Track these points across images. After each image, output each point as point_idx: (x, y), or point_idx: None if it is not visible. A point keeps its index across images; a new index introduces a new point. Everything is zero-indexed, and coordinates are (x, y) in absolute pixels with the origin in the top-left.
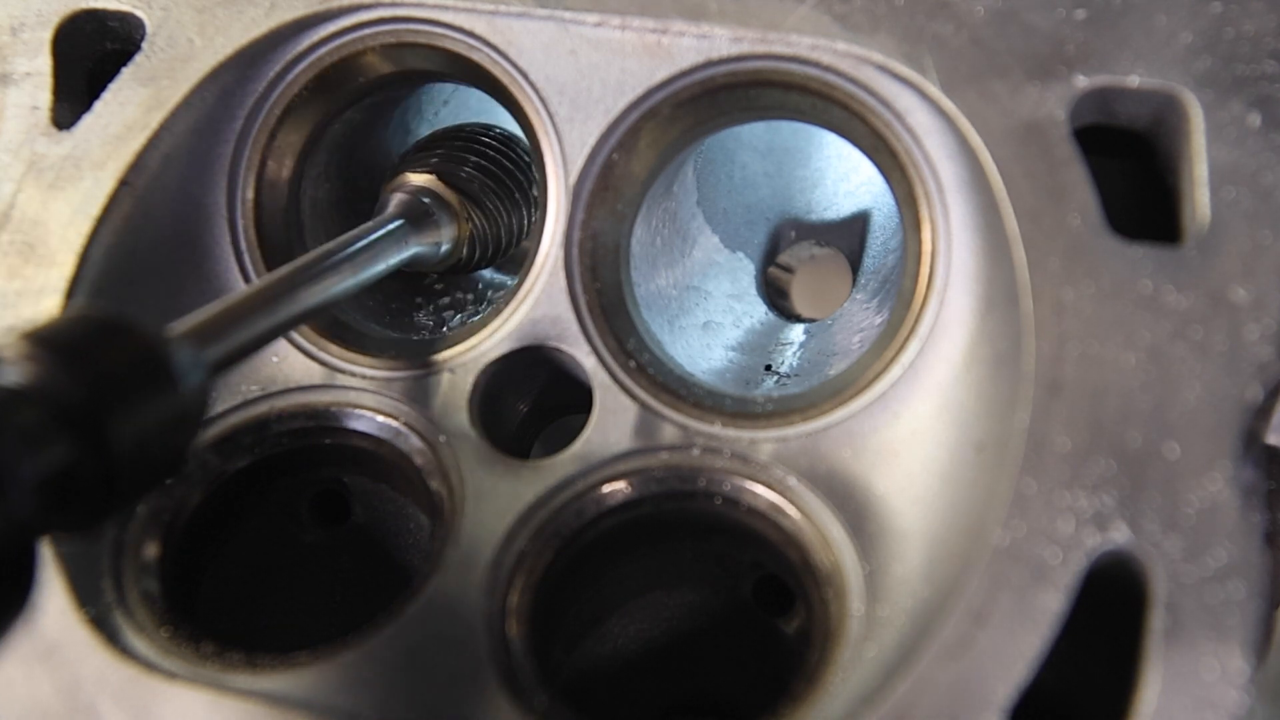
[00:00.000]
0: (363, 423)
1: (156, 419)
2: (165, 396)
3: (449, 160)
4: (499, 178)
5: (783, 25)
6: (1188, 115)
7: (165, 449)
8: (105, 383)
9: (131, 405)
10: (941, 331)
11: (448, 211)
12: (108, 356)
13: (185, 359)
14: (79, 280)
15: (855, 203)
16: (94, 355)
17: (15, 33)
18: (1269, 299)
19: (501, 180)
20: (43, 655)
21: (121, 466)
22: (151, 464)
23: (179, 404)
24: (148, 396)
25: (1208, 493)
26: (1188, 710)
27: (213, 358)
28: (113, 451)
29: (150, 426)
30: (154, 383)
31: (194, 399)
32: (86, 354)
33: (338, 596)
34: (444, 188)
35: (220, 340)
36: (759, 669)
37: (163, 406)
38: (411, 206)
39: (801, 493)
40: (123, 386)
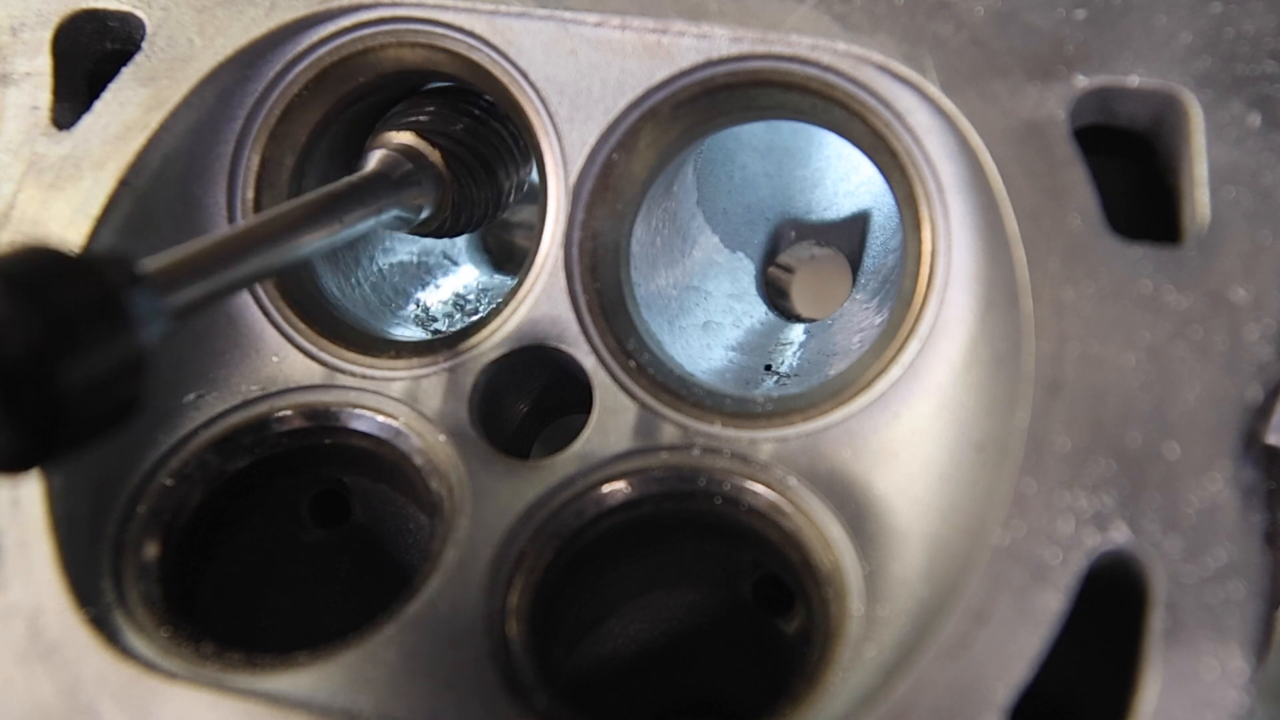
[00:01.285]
0: (363, 423)
1: (109, 362)
2: (120, 339)
3: (437, 121)
4: (487, 143)
5: (783, 25)
6: (1188, 115)
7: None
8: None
9: (84, 348)
10: (941, 331)
11: (430, 173)
12: (62, 293)
13: (145, 304)
14: None
15: (855, 203)
16: (48, 291)
17: (15, 33)
18: (1269, 299)
19: (489, 146)
20: (43, 655)
21: (68, 410)
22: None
23: (134, 348)
24: (102, 340)
25: (1208, 493)
26: (1188, 710)
27: (176, 304)
28: (61, 392)
29: (102, 372)
30: (109, 324)
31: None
32: (41, 289)
33: (338, 596)
34: (429, 149)
35: (186, 285)
36: (759, 669)
37: (116, 350)
38: (394, 164)
39: (801, 493)
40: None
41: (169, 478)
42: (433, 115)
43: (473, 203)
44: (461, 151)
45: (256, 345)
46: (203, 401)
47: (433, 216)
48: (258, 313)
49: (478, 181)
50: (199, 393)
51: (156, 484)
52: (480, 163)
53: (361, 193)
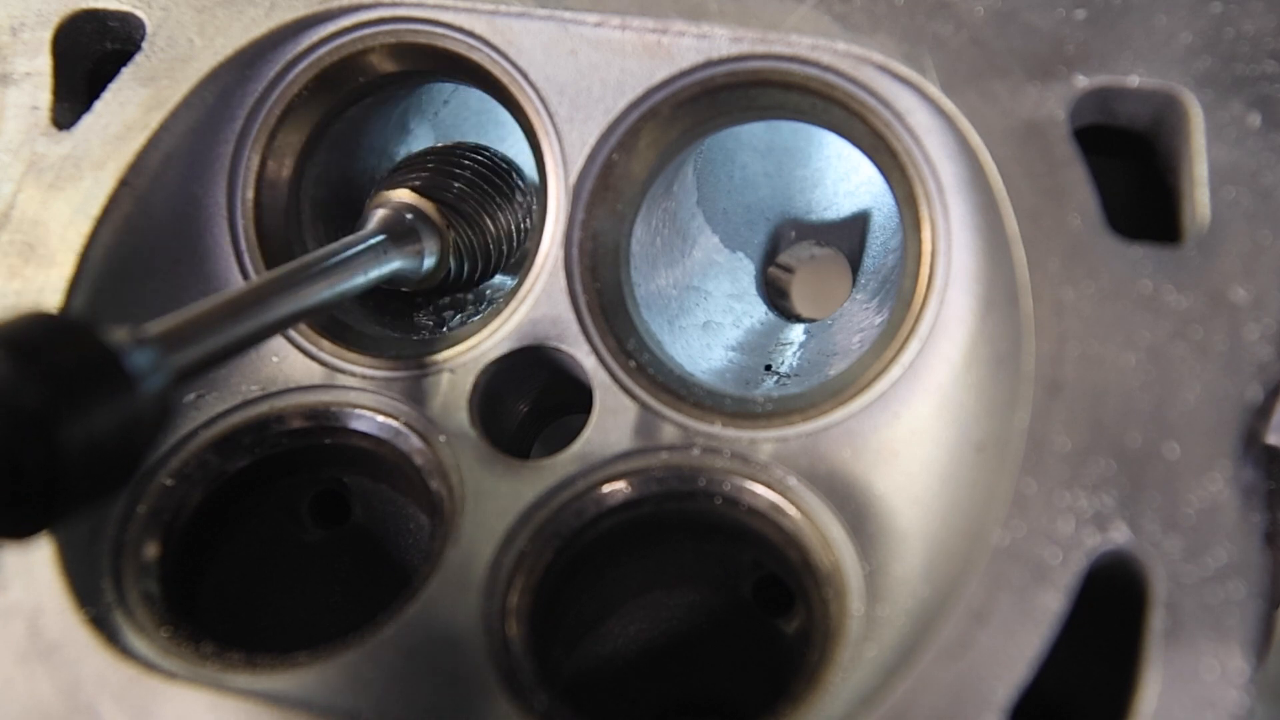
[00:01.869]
0: (363, 423)
1: (110, 423)
2: (120, 400)
3: (434, 177)
4: (485, 195)
5: (783, 25)
6: (1188, 115)
7: (118, 455)
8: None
9: (83, 407)
10: (941, 331)
11: (430, 227)
12: (61, 356)
13: (145, 362)
14: (79, 280)
15: (855, 203)
16: (47, 354)
17: (15, 33)
18: (1269, 299)
19: (488, 198)
20: (43, 655)
21: (70, 471)
22: (102, 471)
23: (135, 409)
24: (101, 399)
25: (1208, 493)
26: (1188, 710)
27: (178, 364)
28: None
29: (102, 431)
30: (108, 385)
31: (152, 404)
32: (39, 352)
33: (338, 596)
34: (427, 204)
35: (188, 346)
36: (759, 669)
37: (117, 410)
38: (393, 221)
39: (801, 493)
40: (77, 390)
41: (169, 478)
42: (430, 172)
43: (475, 254)
44: (459, 204)
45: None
46: (203, 401)
47: (435, 269)
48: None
49: (476, 234)
50: (199, 393)
51: (156, 484)
52: (480, 216)
53: (363, 250)
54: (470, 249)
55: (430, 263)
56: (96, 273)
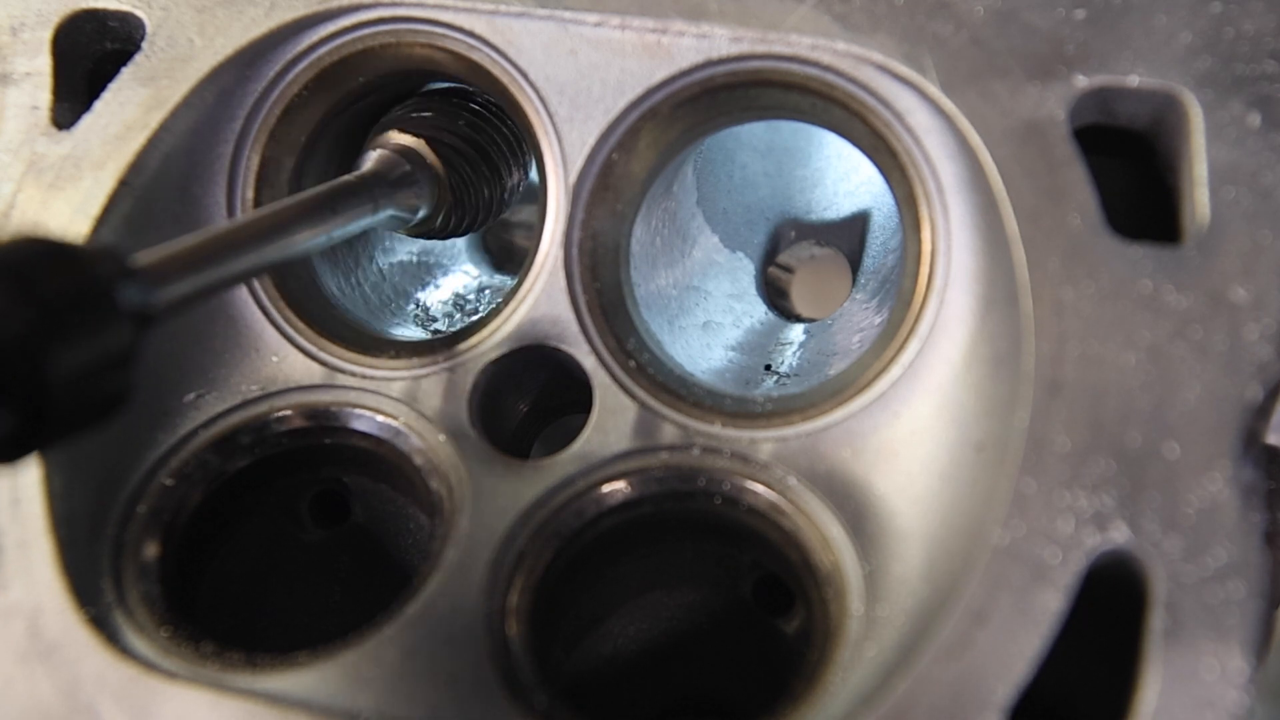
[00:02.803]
0: (363, 423)
1: (99, 354)
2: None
3: (435, 122)
4: (484, 144)
5: (782, 25)
6: (1187, 115)
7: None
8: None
9: (73, 337)
10: (941, 331)
11: (427, 174)
12: (53, 283)
13: (135, 295)
14: None
15: (855, 203)
16: (38, 280)
17: (15, 33)
18: (1269, 299)
19: (487, 148)
20: (43, 655)
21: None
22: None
23: (122, 341)
24: (91, 329)
25: (1208, 493)
26: (1188, 710)
27: (167, 297)
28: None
29: (89, 361)
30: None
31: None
32: (31, 278)
33: (338, 596)
34: (427, 149)
35: (178, 281)
36: (759, 669)
37: (106, 342)
38: (391, 165)
39: (801, 493)
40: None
41: (169, 478)
42: (431, 116)
43: (470, 204)
44: (459, 153)
45: (256, 345)
46: (203, 401)
47: (429, 217)
48: (258, 313)
49: (475, 182)
50: (199, 393)
51: (156, 484)
52: (477, 164)
53: (357, 192)
54: (468, 196)
55: (424, 210)
56: None
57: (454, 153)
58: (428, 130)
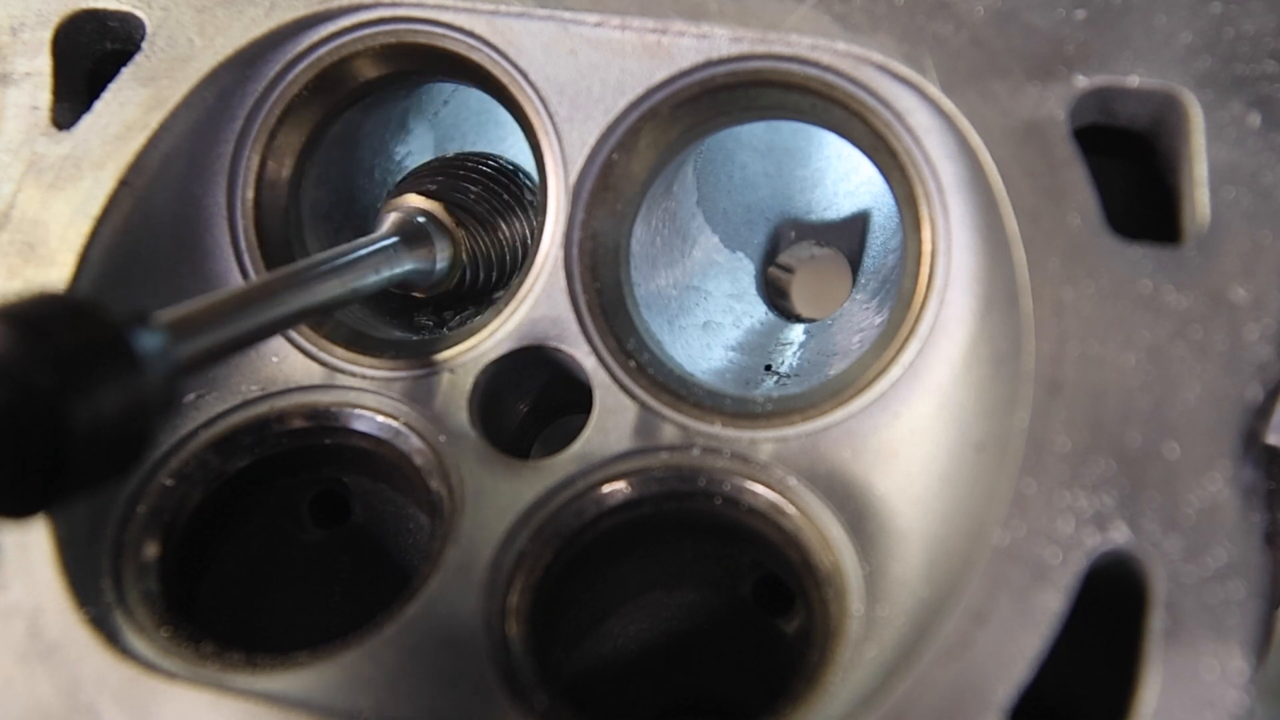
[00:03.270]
0: (363, 423)
1: (116, 407)
2: (127, 384)
3: (449, 184)
4: (497, 201)
5: (782, 25)
6: (1187, 115)
7: (122, 440)
8: (68, 363)
9: (92, 389)
10: (941, 331)
11: (443, 233)
12: (72, 337)
13: (153, 348)
14: (79, 280)
15: (855, 203)
16: (58, 334)
17: (15, 33)
18: (1269, 299)
19: (500, 204)
20: (43, 655)
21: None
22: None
23: (141, 394)
24: (109, 382)
25: (1208, 493)
26: (1188, 710)
27: (186, 354)
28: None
29: (109, 414)
30: (117, 369)
31: (158, 391)
32: (51, 332)
33: (338, 596)
34: (442, 210)
35: (196, 337)
36: (759, 669)
37: (124, 394)
38: (407, 225)
39: (801, 493)
40: (85, 369)
41: (169, 478)
42: (443, 178)
43: (486, 263)
44: (473, 216)
45: (256, 346)
46: (203, 401)
47: (447, 275)
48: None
49: (488, 244)
50: (199, 393)
51: (156, 484)
52: (494, 226)
53: (375, 252)
54: (484, 255)
55: (443, 267)
56: (96, 273)
57: (467, 209)
58: (440, 190)
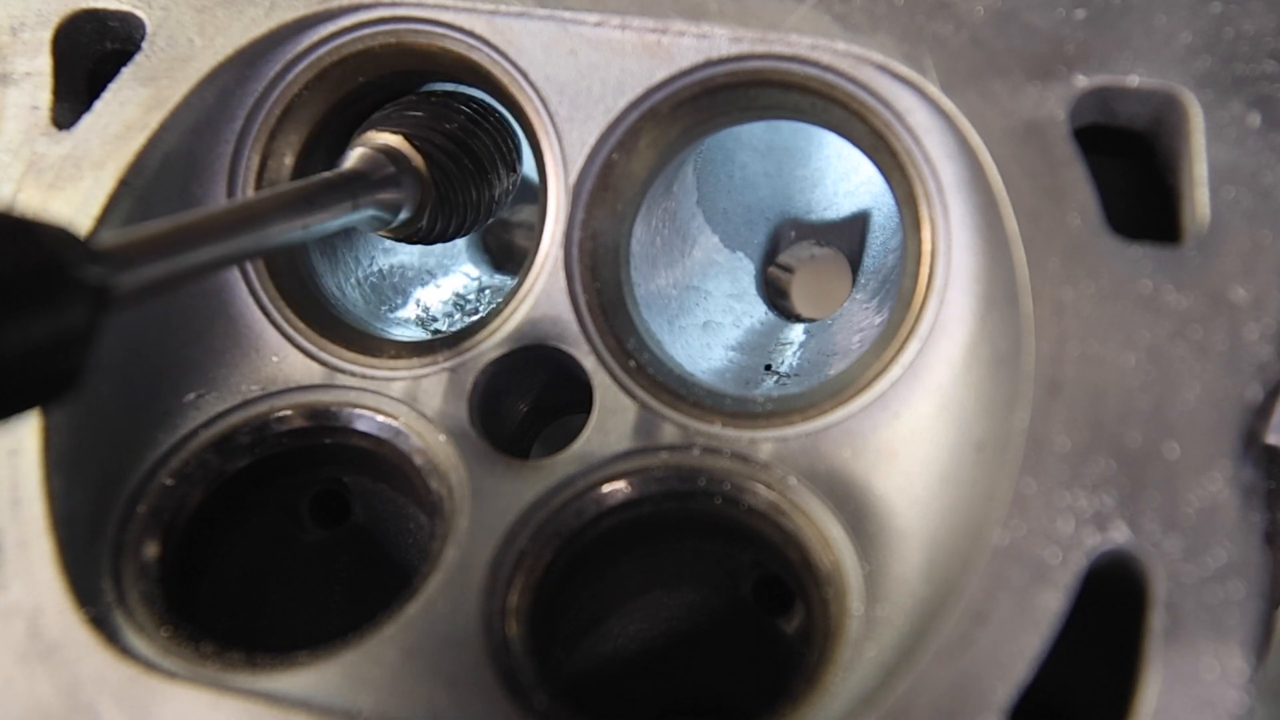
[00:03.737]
0: (363, 423)
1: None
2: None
3: (423, 124)
4: (473, 148)
5: (782, 25)
6: (1187, 115)
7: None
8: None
9: (24, 312)
10: (941, 331)
11: (411, 175)
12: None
13: (94, 276)
14: None
15: (855, 203)
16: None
17: (15, 33)
18: (1269, 299)
19: (475, 151)
20: (43, 655)
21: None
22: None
23: (77, 321)
24: (44, 306)
25: (1208, 493)
26: (1188, 710)
27: (130, 282)
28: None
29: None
30: (53, 292)
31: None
32: None
33: (338, 596)
34: (412, 151)
35: (142, 265)
36: (759, 669)
37: (59, 320)
38: (373, 163)
39: (801, 493)
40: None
41: (169, 478)
42: (419, 118)
43: (457, 204)
44: (444, 151)
45: (256, 345)
46: (203, 401)
47: (412, 219)
48: (258, 313)
49: (461, 182)
50: (199, 393)
51: (156, 484)
52: (463, 163)
53: (336, 188)
54: (454, 200)
55: (406, 211)
56: None
57: (439, 151)
58: (411, 129)
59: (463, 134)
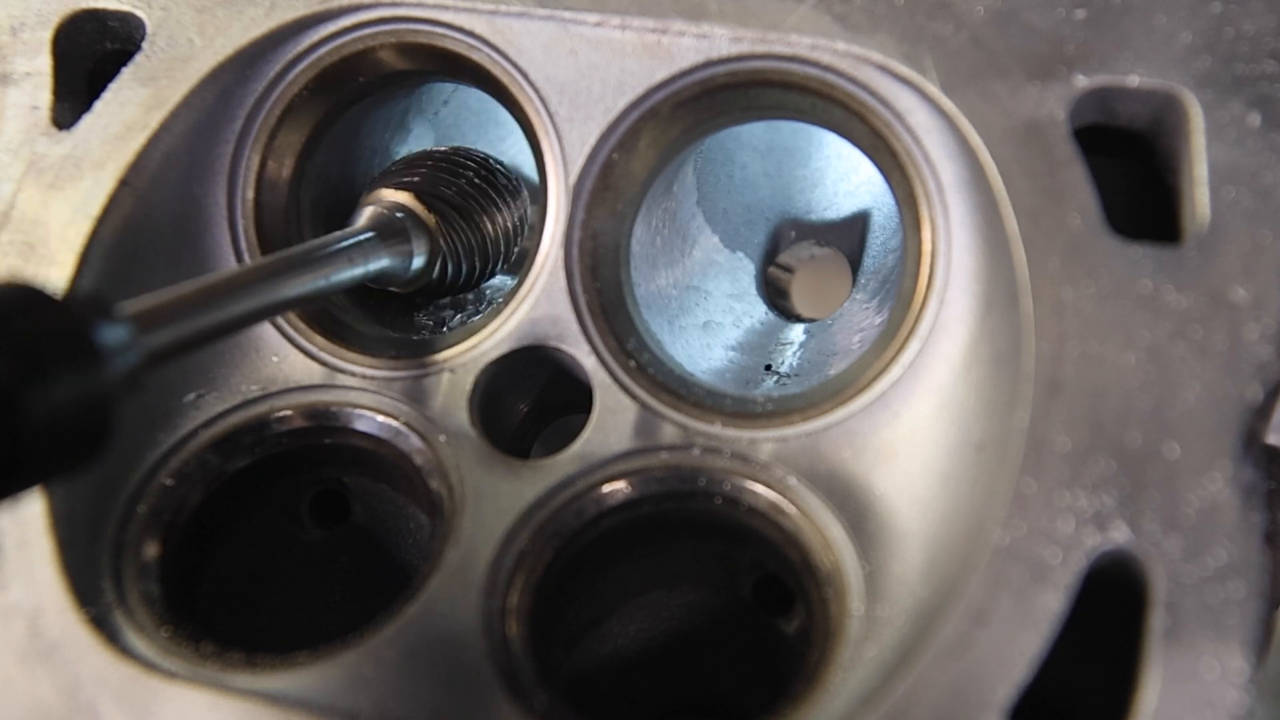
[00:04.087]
0: (363, 423)
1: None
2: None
3: (429, 177)
4: (480, 198)
5: (782, 25)
6: (1187, 115)
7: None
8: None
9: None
10: (941, 331)
11: (421, 228)
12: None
13: (116, 339)
14: (79, 280)
15: (855, 203)
16: (16, 323)
17: (15, 33)
18: (1269, 299)
19: (484, 201)
20: (43, 655)
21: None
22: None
23: (101, 386)
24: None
25: (1208, 493)
26: (1188, 710)
27: (152, 345)
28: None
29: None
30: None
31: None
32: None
33: (338, 596)
34: (419, 205)
35: (163, 329)
36: (759, 669)
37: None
38: (383, 220)
39: (801, 493)
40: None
41: (169, 478)
42: (425, 173)
43: (465, 258)
44: (451, 211)
45: (256, 345)
46: (203, 401)
47: (423, 270)
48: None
49: (466, 239)
50: (199, 393)
51: (156, 484)
52: (472, 221)
53: (350, 246)
54: (464, 248)
55: (419, 263)
56: (96, 273)
57: (448, 207)
58: (421, 186)
59: (470, 182)
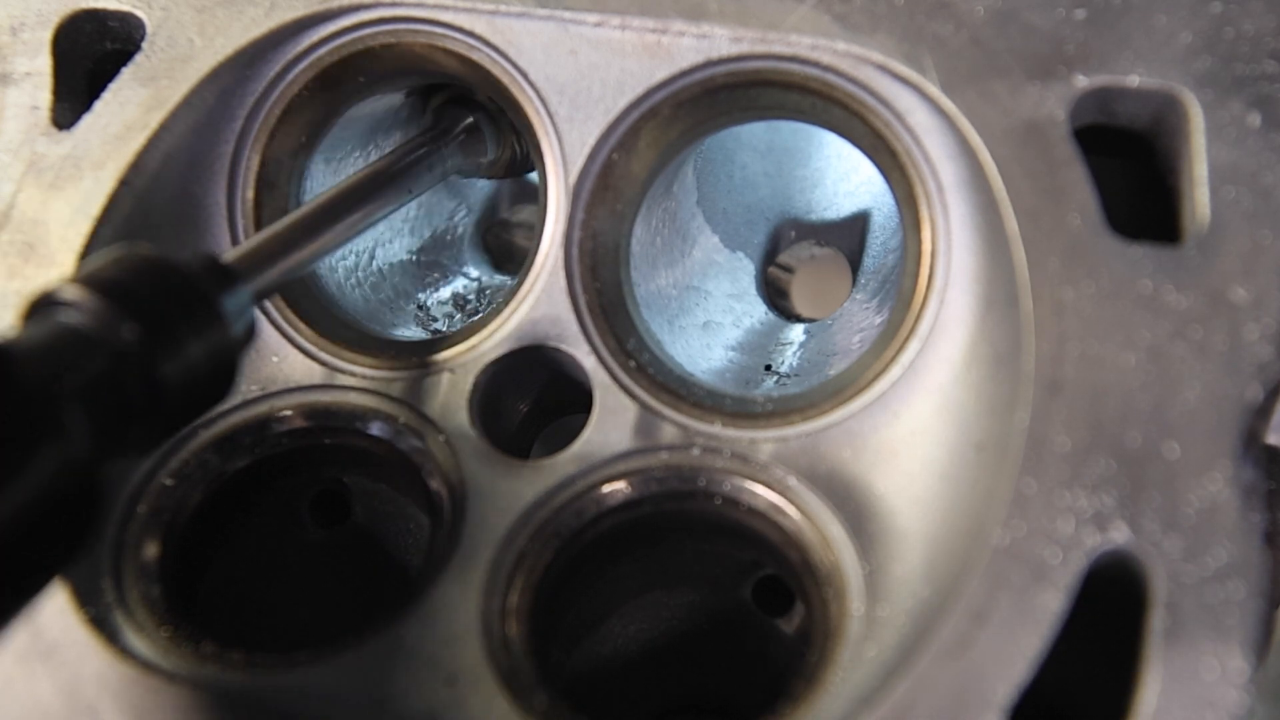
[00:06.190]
0: (362, 423)
1: (203, 353)
2: (210, 333)
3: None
4: None
5: (782, 25)
6: (1188, 115)
7: (213, 378)
8: (157, 323)
9: (181, 343)
10: (941, 331)
11: (493, 125)
12: (158, 297)
13: (229, 295)
14: None
15: (855, 203)
16: (145, 296)
17: (15, 33)
18: (1269, 299)
19: None
20: (43, 655)
21: (173, 400)
22: (200, 393)
23: (224, 338)
24: (195, 333)
25: (1208, 493)
26: (1188, 710)
27: (257, 288)
28: (165, 388)
29: (197, 362)
30: (201, 322)
31: (237, 331)
32: (138, 295)
33: (338, 596)
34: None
35: (266, 270)
36: (759, 669)
37: (208, 343)
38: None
39: (801, 493)
40: (173, 325)
41: (169, 478)
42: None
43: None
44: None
45: (256, 345)
46: None
47: (494, 162)
48: (257, 313)
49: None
50: None
51: (156, 484)
52: None
53: (428, 153)
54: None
55: (493, 153)
56: None
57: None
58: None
59: None
